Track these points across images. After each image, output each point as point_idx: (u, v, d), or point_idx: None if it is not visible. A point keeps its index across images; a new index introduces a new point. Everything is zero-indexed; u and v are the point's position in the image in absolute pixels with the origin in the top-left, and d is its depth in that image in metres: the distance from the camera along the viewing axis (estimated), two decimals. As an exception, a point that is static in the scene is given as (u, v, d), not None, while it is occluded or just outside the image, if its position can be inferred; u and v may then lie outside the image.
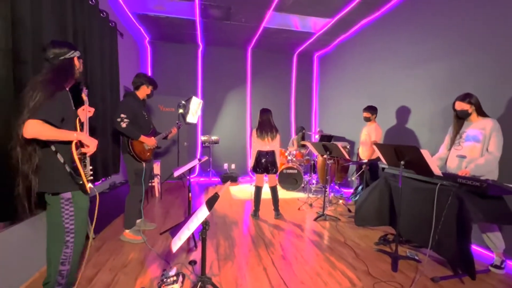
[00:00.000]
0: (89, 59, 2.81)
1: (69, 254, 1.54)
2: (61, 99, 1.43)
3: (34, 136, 1.30)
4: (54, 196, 1.50)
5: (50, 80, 1.40)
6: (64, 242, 1.53)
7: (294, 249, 2.54)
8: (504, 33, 2.50)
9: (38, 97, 1.32)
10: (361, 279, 2.03)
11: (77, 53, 1.59)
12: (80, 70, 1.63)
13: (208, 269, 2.12)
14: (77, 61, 1.60)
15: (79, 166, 1.45)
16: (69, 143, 1.44)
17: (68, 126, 1.48)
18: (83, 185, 1.49)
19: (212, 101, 6.20)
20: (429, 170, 2.05)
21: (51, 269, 1.53)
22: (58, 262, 1.52)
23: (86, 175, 1.51)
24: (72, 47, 1.58)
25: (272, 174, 3.37)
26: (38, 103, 1.30)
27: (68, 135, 1.42)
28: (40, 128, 1.30)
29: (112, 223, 3.11)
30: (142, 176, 2.58)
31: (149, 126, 2.75)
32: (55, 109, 1.37)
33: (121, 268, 2.12)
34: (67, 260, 1.54)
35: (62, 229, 1.52)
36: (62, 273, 1.53)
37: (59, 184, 1.49)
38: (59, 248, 1.52)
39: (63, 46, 1.53)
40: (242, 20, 4.58)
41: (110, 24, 3.42)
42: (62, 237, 1.52)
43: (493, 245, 2.17)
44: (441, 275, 2.05)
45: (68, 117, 1.49)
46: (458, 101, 2.27)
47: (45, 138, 1.36)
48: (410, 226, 2.38)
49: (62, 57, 1.51)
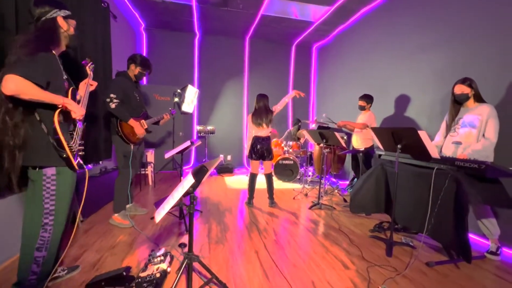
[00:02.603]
0: (80, 39, 2.72)
1: (47, 238, 1.40)
2: (46, 61, 1.32)
3: (14, 93, 1.17)
4: (36, 170, 1.38)
5: (31, 39, 1.30)
6: (42, 225, 1.39)
7: (287, 235, 2.49)
8: (504, 20, 2.44)
9: (19, 52, 1.22)
10: (354, 263, 1.98)
11: (61, 13, 1.44)
12: (69, 33, 1.49)
13: (199, 252, 2.07)
14: (62, 22, 1.45)
15: (61, 137, 1.34)
16: (53, 110, 1.34)
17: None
18: (68, 159, 1.38)
19: (208, 91, 6.11)
20: (426, 154, 1.99)
21: (25, 258, 1.38)
22: (33, 248, 1.38)
23: (73, 149, 1.39)
24: (55, 5, 1.43)
25: (268, 161, 3.31)
26: (18, 59, 1.21)
27: (54, 98, 1.31)
28: (21, 84, 1.18)
29: (103, 208, 3.05)
30: (130, 159, 2.50)
31: (141, 108, 2.67)
32: (38, 69, 1.25)
33: (109, 249, 2.06)
34: (44, 245, 1.39)
35: (41, 210, 1.38)
36: (38, 260, 1.39)
37: (42, 157, 1.38)
38: (36, 231, 1.38)
39: (44, 4, 1.39)
40: (239, 6, 4.49)
41: (103, 5, 3.32)
42: (40, 219, 1.38)
43: (488, 232, 2.14)
44: (436, 260, 2.01)
45: (56, 84, 1.38)
46: (458, 84, 2.24)
47: (27, 97, 1.21)
48: (406, 212, 2.34)
49: (44, 18, 1.39)
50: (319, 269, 1.88)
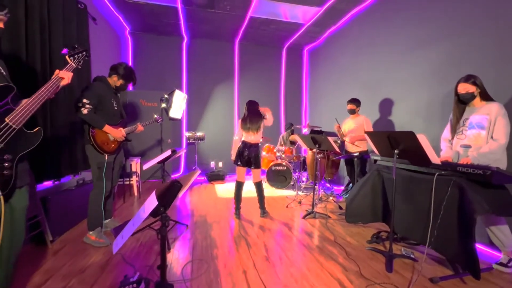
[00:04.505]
0: (51, 41, 2.51)
1: None
2: None
3: None
4: None
5: None
6: None
7: (279, 249, 2.29)
8: (502, 13, 2.34)
9: None
10: (352, 281, 1.79)
11: None
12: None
13: (179, 273, 1.85)
14: None
15: None
16: None
17: None
18: None
19: (198, 96, 5.92)
20: (426, 159, 1.83)
21: None
22: None
23: None
24: None
25: (256, 169, 3.10)
26: None
27: None
28: None
29: (79, 223, 2.80)
30: (104, 170, 2.28)
31: (118, 118, 2.46)
32: None
33: (77, 274, 1.82)
34: None
35: None
36: None
37: None
38: None
39: None
40: (227, 8, 4.34)
41: (79, 6, 3.11)
42: None
43: (500, 243, 1.94)
44: (441, 274, 1.84)
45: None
46: (462, 82, 2.05)
47: None
48: (405, 221, 2.17)
49: None
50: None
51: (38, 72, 2.33)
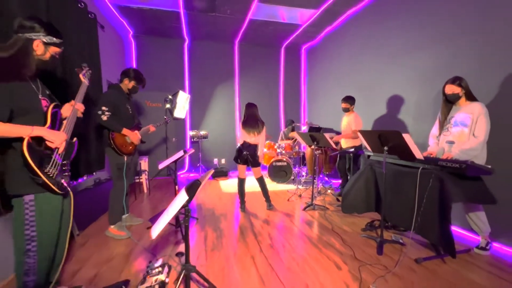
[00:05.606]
0: (67, 53, 2.71)
1: (32, 264, 1.39)
2: (9, 88, 1.24)
3: None
4: (16, 198, 1.36)
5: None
6: (25, 251, 1.37)
7: (282, 238, 2.55)
8: (490, 19, 2.50)
9: None
10: (347, 263, 2.05)
11: (44, 38, 1.35)
12: (43, 58, 1.39)
13: (196, 260, 2.11)
14: (39, 46, 1.35)
15: (32, 164, 1.25)
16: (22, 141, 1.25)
17: (25, 120, 1.28)
18: (45, 184, 1.31)
19: (200, 96, 6.13)
20: (411, 154, 2.08)
21: (17, 281, 1.41)
22: (21, 273, 1.39)
23: (50, 173, 1.34)
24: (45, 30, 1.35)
25: (255, 167, 3.35)
26: None
27: (20, 130, 1.24)
28: None
29: (98, 219, 3.06)
30: (124, 170, 2.52)
31: (133, 120, 2.69)
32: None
33: (106, 263, 2.08)
34: (31, 270, 1.39)
35: (23, 236, 1.36)
36: (27, 285, 1.40)
37: (19, 186, 1.34)
38: (21, 258, 1.38)
39: (33, 21, 1.32)
40: (227, 11, 4.52)
41: (89, 16, 3.31)
42: (23, 245, 1.37)
43: (478, 228, 2.19)
44: (424, 256, 2.10)
45: (25, 109, 1.31)
46: (448, 84, 2.24)
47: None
48: (395, 210, 2.43)
49: (21, 35, 1.28)
50: (313, 272, 1.95)
51: (60, 81, 2.54)
